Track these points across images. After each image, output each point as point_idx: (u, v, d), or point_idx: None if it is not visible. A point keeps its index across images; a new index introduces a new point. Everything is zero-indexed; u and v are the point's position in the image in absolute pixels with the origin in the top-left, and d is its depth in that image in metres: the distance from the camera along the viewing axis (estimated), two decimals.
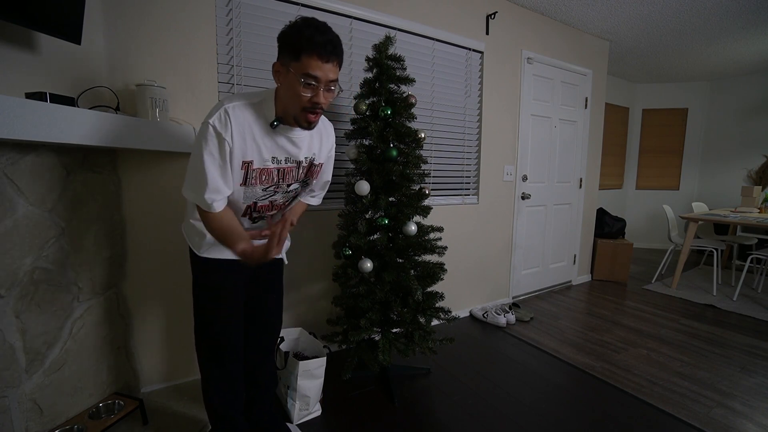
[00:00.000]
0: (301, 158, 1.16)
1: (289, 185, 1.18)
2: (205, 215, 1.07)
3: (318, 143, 1.20)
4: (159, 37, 1.62)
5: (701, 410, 1.69)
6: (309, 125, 1.07)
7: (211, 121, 0.99)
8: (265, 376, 1.42)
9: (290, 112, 1.06)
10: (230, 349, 1.24)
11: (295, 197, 1.26)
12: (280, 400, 1.71)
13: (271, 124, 1.06)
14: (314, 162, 1.21)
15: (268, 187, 1.14)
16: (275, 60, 1.09)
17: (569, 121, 3.35)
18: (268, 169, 1.10)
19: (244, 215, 1.19)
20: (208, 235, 1.14)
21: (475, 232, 2.81)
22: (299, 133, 1.11)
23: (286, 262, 1.42)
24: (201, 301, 1.23)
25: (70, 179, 1.34)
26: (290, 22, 1.04)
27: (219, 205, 1.05)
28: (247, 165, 1.06)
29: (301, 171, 1.19)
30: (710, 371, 2.03)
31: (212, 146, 0.99)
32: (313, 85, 1.00)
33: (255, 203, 1.16)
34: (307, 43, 0.97)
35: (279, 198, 1.20)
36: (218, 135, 0.99)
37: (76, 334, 1.37)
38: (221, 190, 1.03)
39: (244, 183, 1.08)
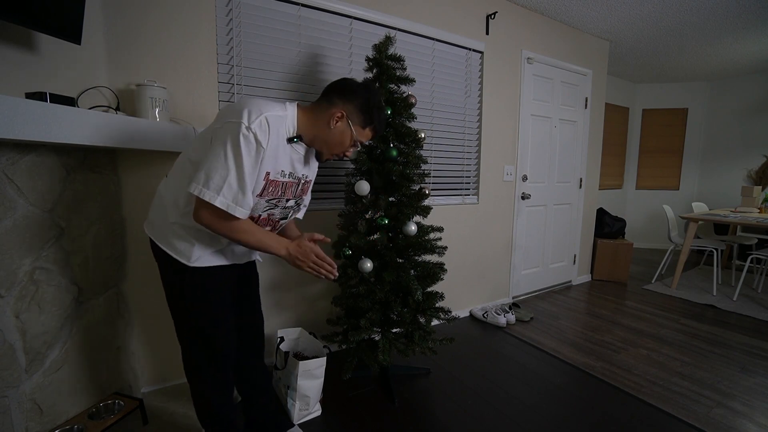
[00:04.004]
0: (300, 175, 1.19)
1: (287, 200, 1.20)
2: (229, 225, 1.01)
3: (312, 164, 1.25)
4: (159, 37, 1.62)
5: (701, 410, 1.69)
6: (324, 161, 1.21)
7: (252, 126, 0.97)
8: (261, 377, 1.43)
9: (321, 147, 1.16)
10: (227, 352, 1.23)
11: (286, 216, 1.25)
12: (280, 400, 1.71)
13: (290, 140, 1.09)
14: (307, 179, 1.25)
15: (271, 200, 1.14)
16: (332, 105, 1.13)
17: (569, 121, 3.35)
18: (276, 181, 1.11)
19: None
20: (198, 243, 1.09)
21: (475, 232, 2.81)
22: (303, 152, 1.16)
23: (260, 260, 1.41)
24: (194, 313, 1.14)
25: (70, 179, 1.34)
26: (367, 84, 1.18)
27: (245, 213, 1.02)
28: (267, 175, 1.07)
29: (299, 188, 1.21)
30: (710, 371, 2.03)
31: (252, 151, 0.98)
32: (357, 146, 1.19)
33: (257, 216, 1.15)
34: (378, 124, 1.18)
35: (277, 213, 1.20)
36: (258, 142, 0.98)
37: (76, 334, 1.37)
38: (251, 197, 1.02)
39: (259, 194, 1.08)
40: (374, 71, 1.77)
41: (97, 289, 1.48)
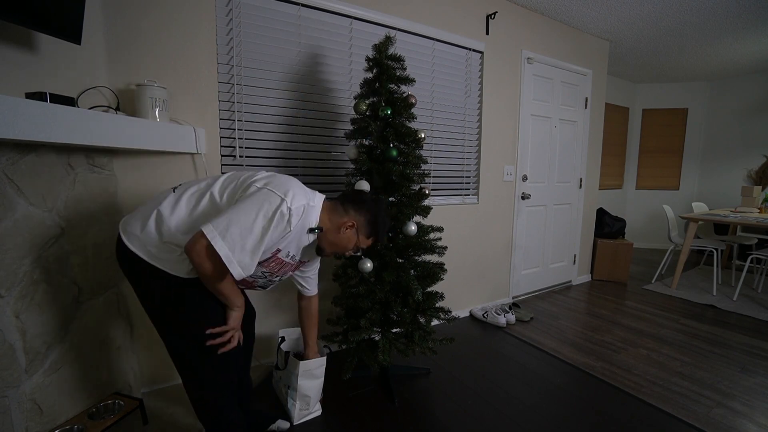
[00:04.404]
0: (301, 259, 1.28)
1: (278, 278, 1.26)
2: (213, 271, 1.02)
3: (313, 254, 1.33)
4: (159, 37, 1.62)
5: (701, 410, 1.69)
6: (323, 256, 1.31)
7: (293, 209, 1.04)
8: (248, 378, 1.49)
9: (326, 244, 1.24)
10: (236, 357, 1.23)
11: (266, 287, 1.30)
12: (280, 400, 1.71)
13: (312, 230, 1.18)
14: (304, 264, 1.36)
15: (265, 272, 1.19)
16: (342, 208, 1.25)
17: (569, 121, 3.35)
18: (280, 260, 1.18)
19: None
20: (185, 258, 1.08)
21: (475, 232, 2.81)
22: (314, 240, 1.25)
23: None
24: (195, 327, 1.12)
25: (70, 179, 1.34)
26: (378, 204, 1.31)
27: (241, 275, 1.02)
28: (277, 252, 1.13)
29: (293, 269, 1.29)
30: (710, 371, 2.03)
31: (279, 228, 1.04)
32: (358, 250, 1.32)
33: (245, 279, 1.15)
34: (381, 235, 1.31)
35: (260, 282, 1.24)
36: (289, 224, 1.05)
37: (76, 334, 1.37)
38: (255, 265, 1.04)
39: (260, 262, 1.11)
40: (374, 71, 1.77)
41: (97, 289, 1.48)
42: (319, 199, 1.20)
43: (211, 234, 0.96)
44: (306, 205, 1.10)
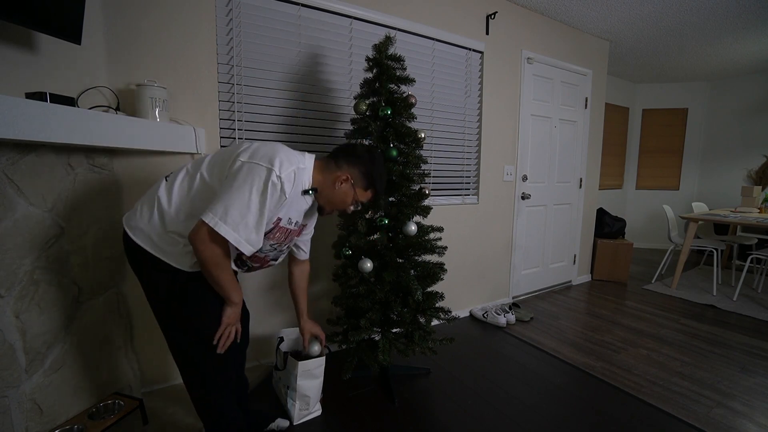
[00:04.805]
0: (304, 223, 1.29)
1: (285, 246, 1.25)
2: (220, 257, 1.03)
3: (314, 214, 1.35)
4: (159, 37, 1.62)
5: (701, 410, 1.69)
6: (324, 215, 1.31)
7: (282, 176, 1.03)
8: (245, 377, 1.49)
9: (324, 202, 1.25)
10: (237, 354, 1.25)
11: (277, 258, 1.28)
12: (280, 400, 1.71)
13: (306, 192, 1.17)
14: (306, 227, 1.35)
15: (273, 244, 1.18)
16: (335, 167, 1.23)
17: (569, 121, 3.35)
18: (284, 228, 1.17)
19: (235, 260, 1.19)
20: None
21: (475, 232, 2.81)
22: (312, 202, 1.25)
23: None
24: (198, 322, 1.13)
25: (70, 179, 1.34)
26: (371, 153, 1.28)
27: (252, 251, 1.04)
28: (278, 221, 1.13)
29: (300, 233, 1.30)
30: (710, 371, 2.03)
31: (275, 198, 1.04)
32: (357, 205, 1.29)
33: (254, 255, 1.16)
34: (379, 187, 1.29)
35: (271, 254, 1.23)
36: (283, 191, 1.04)
37: (76, 333, 1.37)
38: (261, 238, 1.05)
39: (265, 235, 1.10)
40: (374, 71, 1.77)
41: (97, 289, 1.48)
42: (309, 159, 1.18)
43: (213, 221, 0.97)
44: (296, 169, 1.08)
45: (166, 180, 1.14)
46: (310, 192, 1.17)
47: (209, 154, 1.17)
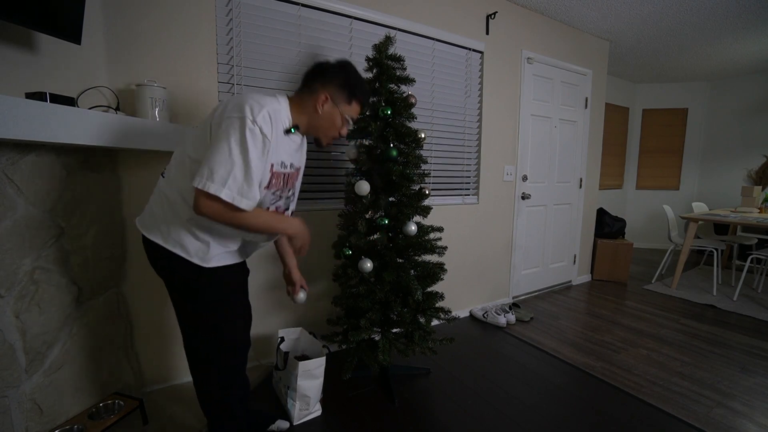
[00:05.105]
0: (298, 165, 1.24)
1: (289, 191, 1.22)
2: (240, 216, 1.02)
3: (303, 153, 1.29)
4: (159, 37, 1.62)
5: (701, 410, 1.69)
6: (324, 146, 1.26)
7: (258, 120, 0.98)
8: (245, 375, 1.46)
9: (317, 134, 1.21)
10: (245, 351, 1.24)
11: (288, 207, 1.27)
12: (280, 400, 1.71)
13: (288, 131, 1.11)
14: (300, 168, 1.29)
15: (276, 191, 1.15)
16: (320, 89, 1.17)
17: (569, 121, 3.35)
18: (279, 173, 1.13)
19: None
20: (213, 242, 1.10)
21: (475, 232, 2.81)
22: (300, 141, 1.21)
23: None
24: (213, 318, 1.14)
25: (70, 179, 1.34)
26: (341, 63, 1.20)
27: (251, 205, 1.02)
28: (271, 167, 1.09)
29: (298, 178, 1.25)
30: (710, 371, 2.03)
31: (258, 144, 0.99)
32: (348, 123, 1.22)
33: (265, 209, 1.16)
34: (362, 95, 1.22)
35: (282, 204, 1.21)
36: (264, 135, 1.00)
37: (76, 334, 1.37)
38: (257, 189, 1.02)
39: (266, 186, 1.09)
40: (374, 71, 1.77)
41: (97, 289, 1.48)
42: (282, 98, 1.13)
43: (201, 183, 0.95)
44: (269, 110, 1.03)
45: (163, 176, 1.15)
46: (293, 130, 1.12)
47: (188, 136, 1.13)
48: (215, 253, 1.11)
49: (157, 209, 1.11)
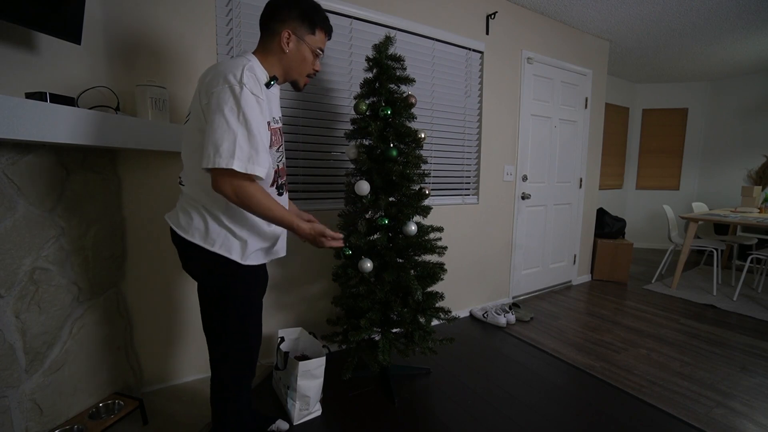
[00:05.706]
0: (281, 117, 1.21)
1: (281, 146, 1.20)
2: (254, 194, 0.98)
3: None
4: (159, 36, 1.62)
5: (701, 410, 1.69)
6: (303, 88, 1.24)
7: (245, 82, 0.95)
8: None
9: (292, 76, 1.18)
10: (257, 350, 1.24)
11: (281, 161, 1.24)
12: (280, 400, 1.71)
13: (269, 83, 1.08)
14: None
15: (278, 148, 1.14)
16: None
17: (569, 121, 3.35)
18: (275, 128, 1.11)
19: (272, 185, 1.16)
20: (251, 239, 1.09)
21: (475, 232, 2.81)
22: (278, 92, 1.19)
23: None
24: (239, 315, 1.13)
25: (70, 179, 1.34)
26: None
27: (264, 171, 0.98)
28: (268, 125, 1.06)
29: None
30: (710, 371, 2.03)
31: (253, 106, 0.97)
32: (320, 55, 1.19)
33: (275, 169, 1.15)
34: (322, 22, 1.16)
35: (282, 161, 1.20)
36: (255, 95, 0.98)
37: (76, 334, 1.37)
38: (265, 154, 0.99)
39: (270, 146, 1.06)
40: (374, 71, 1.77)
41: (97, 289, 1.48)
42: (249, 56, 1.09)
43: (210, 162, 0.93)
44: (246, 67, 0.99)
45: (182, 184, 1.13)
46: (272, 82, 1.09)
47: (184, 134, 1.11)
48: (252, 249, 1.11)
49: (191, 210, 1.09)
